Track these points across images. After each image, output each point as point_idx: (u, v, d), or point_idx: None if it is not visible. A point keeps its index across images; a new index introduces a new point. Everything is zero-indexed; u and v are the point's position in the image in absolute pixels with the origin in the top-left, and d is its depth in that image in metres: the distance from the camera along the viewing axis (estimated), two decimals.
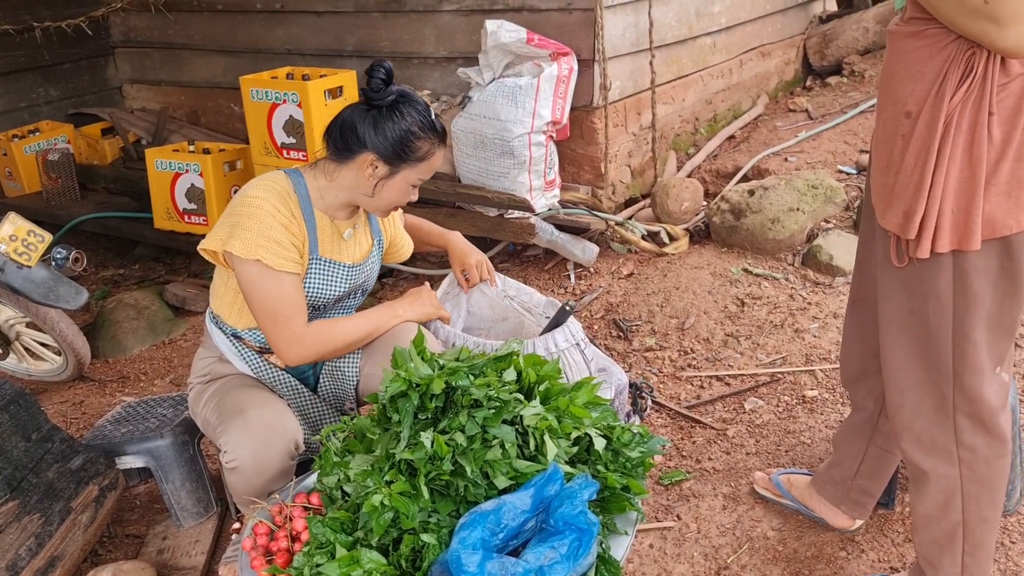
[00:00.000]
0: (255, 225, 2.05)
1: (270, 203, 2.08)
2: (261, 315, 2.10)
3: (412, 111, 2.10)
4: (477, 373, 1.85)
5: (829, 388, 2.87)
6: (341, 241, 2.24)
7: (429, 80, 4.30)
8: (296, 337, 2.11)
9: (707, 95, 4.70)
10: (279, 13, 4.68)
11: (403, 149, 2.09)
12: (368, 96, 2.09)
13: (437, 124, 2.14)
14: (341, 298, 2.28)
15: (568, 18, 3.82)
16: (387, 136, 2.08)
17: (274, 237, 2.06)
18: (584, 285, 3.69)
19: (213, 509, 2.59)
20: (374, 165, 2.11)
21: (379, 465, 1.78)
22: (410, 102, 2.11)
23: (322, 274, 2.20)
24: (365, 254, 2.32)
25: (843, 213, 3.77)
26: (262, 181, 2.14)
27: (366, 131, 2.08)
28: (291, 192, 2.14)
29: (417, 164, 2.13)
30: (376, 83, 2.08)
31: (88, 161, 5.05)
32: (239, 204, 2.10)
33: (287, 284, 2.09)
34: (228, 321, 2.25)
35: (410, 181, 2.16)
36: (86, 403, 3.47)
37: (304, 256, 2.15)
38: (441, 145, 2.16)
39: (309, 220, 2.15)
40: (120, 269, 4.71)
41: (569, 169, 4.03)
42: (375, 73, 2.08)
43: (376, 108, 2.09)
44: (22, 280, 2.97)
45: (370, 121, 2.08)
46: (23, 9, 4.97)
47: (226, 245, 2.06)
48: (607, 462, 1.84)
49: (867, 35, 5.27)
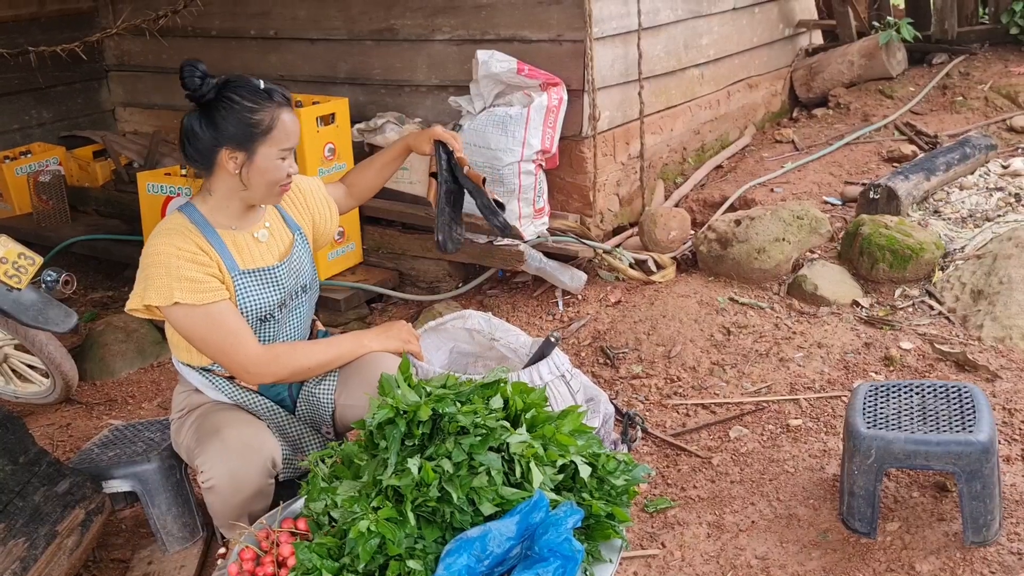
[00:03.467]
0: (162, 272, 2.07)
1: (170, 245, 2.10)
2: (209, 351, 2.13)
3: (237, 91, 2.09)
4: (464, 400, 1.87)
5: (813, 417, 2.90)
6: (257, 245, 2.23)
7: (421, 108, 4.35)
8: (250, 359, 2.12)
9: (695, 125, 4.77)
10: (272, 39, 4.73)
11: (246, 128, 2.08)
12: (191, 97, 2.11)
13: (272, 92, 2.11)
14: (283, 303, 2.27)
15: (558, 49, 3.88)
16: (226, 125, 2.08)
17: (185, 275, 2.07)
18: (572, 312, 3.72)
19: (199, 534, 2.59)
20: (232, 158, 2.10)
21: (366, 491, 1.80)
22: (231, 85, 2.10)
23: (251, 286, 2.19)
24: (287, 249, 2.30)
25: (828, 243, 3.82)
26: (159, 228, 2.17)
27: (206, 131, 2.10)
28: (188, 225, 2.15)
29: (267, 136, 2.10)
30: (192, 82, 2.09)
31: (79, 183, 5.06)
32: (144, 257, 2.13)
33: (215, 315, 2.10)
34: (193, 363, 2.27)
35: (273, 156, 2.13)
36: (73, 426, 3.46)
37: (227, 280, 2.15)
38: (284, 107, 2.13)
39: (216, 242, 2.15)
40: (110, 291, 4.71)
41: (558, 197, 4.07)
42: (188, 73, 2.09)
43: (204, 106, 2.10)
44: (11, 303, 2.97)
45: (205, 120, 2.10)
46: (18, 33, 5.00)
47: (144, 299, 2.09)
48: (592, 490, 1.87)
49: (852, 68, 5.36)
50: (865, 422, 2.32)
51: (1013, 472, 2.52)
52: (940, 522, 2.36)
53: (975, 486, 2.21)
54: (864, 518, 2.33)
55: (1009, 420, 2.73)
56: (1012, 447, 2.62)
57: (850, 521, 2.37)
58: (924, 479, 2.52)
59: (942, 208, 3.96)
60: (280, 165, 2.15)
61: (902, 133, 4.82)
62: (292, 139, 2.15)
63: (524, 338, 2.63)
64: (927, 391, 2.43)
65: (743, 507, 2.55)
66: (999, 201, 3.92)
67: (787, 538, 2.40)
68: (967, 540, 2.26)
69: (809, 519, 2.46)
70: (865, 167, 4.54)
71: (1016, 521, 2.33)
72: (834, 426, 2.83)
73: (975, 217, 3.83)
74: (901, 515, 2.41)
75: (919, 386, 2.46)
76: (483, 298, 3.97)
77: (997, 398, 2.83)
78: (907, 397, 2.42)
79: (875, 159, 4.61)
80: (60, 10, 5.29)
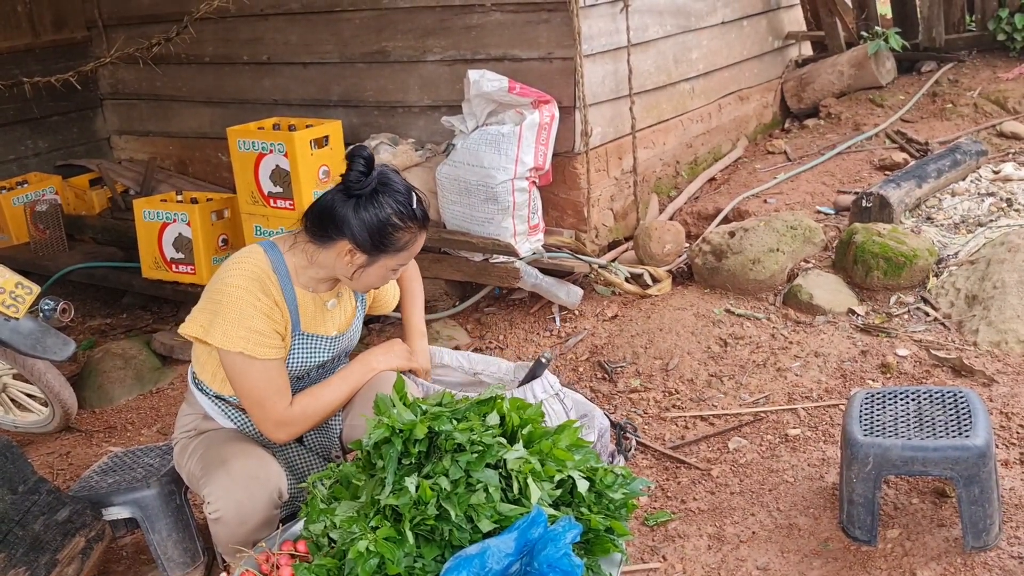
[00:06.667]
0: (235, 316, 2.04)
1: (251, 292, 2.06)
2: (246, 400, 2.12)
3: (391, 200, 2.07)
4: (460, 417, 1.88)
5: (811, 426, 2.91)
6: (324, 312, 2.23)
7: (414, 128, 4.38)
8: (282, 419, 2.13)
9: (687, 139, 4.79)
10: (265, 64, 4.77)
11: (382, 240, 2.08)
12: (348, 185, 2.07)
13: (418, 211, 2.10)
14: (324, 364, 2.30)
15: (549, 67, 3.90)
16: (365, 227, 2.05)
17: (255, 328, 2.05)
18: (569, 328, 3.73)
19: (200, 559, 2.58)
20: (352, 253, 2.09)
21: (364, 511, 1.80)
22: (390, 191, 2.07)
23: (305, 348, 2.20)
24: (350, 319, 2.32)
25: (822, 253, 3.83)
26: (241, 263, 2.11)
27: (344, 220, 2.06)
28: (270, 273, 2.12)
29: (397, 253, 2.12)
30: (356, 175, 2.06)
31: (76, 212, 5.08)
32: (219, 292, 2.08)
33: (271, 370, 2.10)
34: (211, 387, 2.27)
35: (390, 267, 2.15)
36: (73, 454, 3.46)
37: (287, 338, 2.15)
38: (422, 231, 2.13)
39: (290, 300, 2.14)
40: (108, 319, 4.72)
41: (552, 214, 4.09)
42: (354, 164, 2.06)
43: (355, 197, 2.06)
44: (9, 332, 2.98)
45: (350, 210, 2.06)
46: (12, 64, 5.04)
47: (207, 336, 2.06)
48: (590, 504, 1.87)
49: (842, 78, 5.39)
50: (862, 430, 2.32)
51: (1012, 476, 2.52)
52: (940, 528, 2.36)
53: (973, 491, 2.21)
54: (864, 526, 2.33)
55: (1006, 424, 2.74)
56: (1010, 451, 2.63)
57: (850, 529, 2.37)
58: (923, 485, 2.53)
59: (935, 215, 3.98)
60: (389, 275, 2.18)
61: (893, 141, 4.84)
62: (412, 258, 2.18)
63: (505, 365, 2.62)
64: (923, 397, 2.44)
65: (743, 518, 2.55)
66: (991, 206, 3.94)
67: (788, 548, 2.40)
68: (967, 545, 2.26)
69: (809, 528, 2.46)
70: (857, 176, 4.57)
71: (1016, 525, 2.33)
72: (832, 434, 2.84)
73: (967, 223, 3.85)
74: (901, 522, 2.41)
75: (915, 392, 2.47)
76: (480, 316, 3.98)
77: (994, 402, 2.84)
78: (903, 403, 2.43)
79: (867, 168, 4.64)
80: (54, 40, 5.32)
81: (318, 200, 2.13)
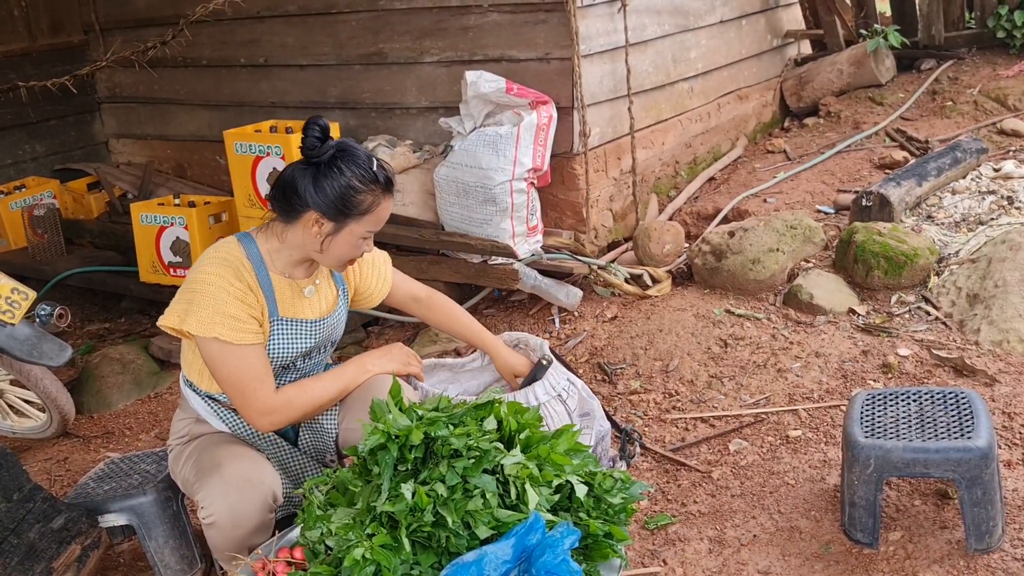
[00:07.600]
0: (209, 302, 2.05)
1: (223, 278, 2.08)
2: (227, 388, 2.11)
3: (352, 165, 2.07)
4: (456, 423, 1.86)
5: (812, 428, 2.89)
6: (302, 298, 2.23)
7: (411, 130, 4.36)
8: (265, 407, 2.11)
9: (686, 139, 4.78)
10: (263, 67, 4.75)
11: (345, 204, 2.07)
12: (306, 154, 2.08)
13: (380, 175, 2.10)
14: (308, 353, 2.28)
15: (546, 67, 3.89)
16: (327, 193, 2.05)
17: (229, 312, 2.06)
18: (569, 329, 3.71)
19: (197, 566, 2.57)
20: (319, 223, 2.09)
21: (361, 518, 1.79)
22: (350, 155, 2.08)
23: (285, 334, 2.19)
24: (331, 306, 2.31)
25: (822, 252, 3.81)
26: (215, 253, 2.14)
27: (306, 189, 2.06)
28: (244, 260, 2.13)
29: (362, 217, 2.10)
30: (311, 141, 2.06)
31: (74, 216, 5.07)
32: (193, 282, 2.10)
33: (249, 356, 2.09)
34: (201, 386, 2.26)
35: (358, 235, 2.13)
36: (70, 460, 3.45)
37: (265, 324, 2.14)
38: (386, 195, 2.13)
39: (266, 285, 2.15)
40: (106, 323, 4.70)
41: (551, 215, 4.07)
42: (310, 131, 2.07)
43: (315, 165, 2.07)
44: (5, 338, 2.97)
45: (309, 179, 2.06)
46: (9, 68, 5.03)
47: (183, 324, 2.07)
48: (589, 509, 1.85)
49: (841, 77, 5.37)
50: (863, 431, 2.31)
51: (1015, 477, 2.50)
52: (943, 530, 2.34)
53: (976, 492, 2.19)
54: (866, 528, 2.32)
55: (1009, 424, 2.72)
56: (1013, 452, 2.61)
57: (852, 532, 2.36)
58: (925, 487, 2.51)
59: (935, 213, 3.96)
60: (360, 244, 2.16)
61: (893, 139, 4.82)
62: (381, 224, 2.17)
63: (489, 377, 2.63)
64: (924, 398, 2.42)
65: (744, 521, 2.53)
66: (992, 204, 3.92)
67: (789, 551, 2.38)
68: (970, 547, 2.24)
69: (811, 531, 2.44)
70: (857, 175, 4.55)
71: (1019, 527, 2.31)
72: (834, 436, 2.82)
73: (968, 221, 3.83)
74: (903, 524, 2.39)
75: (916, 393, 2.45)
76: (479, 317, 3.96)
77: (996, 402, 2.82)
78: (904, 405, 2.41)
79: (867, 166, 4.62)
80: (50, 44, 5.32)
81: (279, 176, 2.14)
